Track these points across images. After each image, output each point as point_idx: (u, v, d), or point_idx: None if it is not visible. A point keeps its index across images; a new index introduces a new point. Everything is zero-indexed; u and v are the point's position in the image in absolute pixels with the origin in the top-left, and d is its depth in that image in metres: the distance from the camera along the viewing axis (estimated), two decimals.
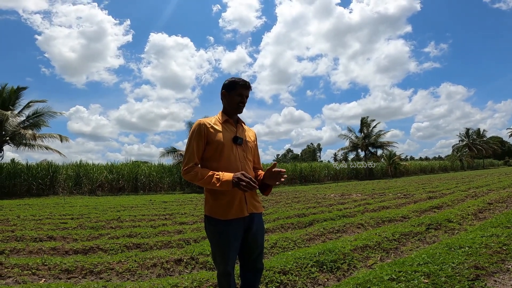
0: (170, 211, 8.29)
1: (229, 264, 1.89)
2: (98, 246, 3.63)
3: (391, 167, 31.43)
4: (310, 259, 2.91)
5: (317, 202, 9.70)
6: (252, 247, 1.97)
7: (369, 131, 30.24)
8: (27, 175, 14.91)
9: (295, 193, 15.64)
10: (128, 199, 13.04)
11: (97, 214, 7.25)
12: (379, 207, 7.16)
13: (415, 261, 2.60)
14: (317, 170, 27.79)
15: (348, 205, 8.20)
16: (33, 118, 14.98)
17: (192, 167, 1.82)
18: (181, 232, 4.88)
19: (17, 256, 3.25)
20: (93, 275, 2.65)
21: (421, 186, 13.61)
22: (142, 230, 4.75)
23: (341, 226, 4.87)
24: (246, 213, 1.87)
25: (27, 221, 5.81)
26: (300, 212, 6.97)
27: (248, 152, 1.99)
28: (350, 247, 3.28)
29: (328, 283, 2.65)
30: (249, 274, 2.04)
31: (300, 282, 2.58)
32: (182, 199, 13.07)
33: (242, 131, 2.04)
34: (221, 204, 1.83)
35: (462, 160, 40.29)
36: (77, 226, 5.14)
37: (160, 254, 3.13)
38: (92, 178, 16.82)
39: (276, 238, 4.01)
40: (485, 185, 11.46)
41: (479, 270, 2.41)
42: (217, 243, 1.87)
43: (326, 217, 5.91)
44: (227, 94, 1.98)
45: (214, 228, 1.86)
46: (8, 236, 4.06)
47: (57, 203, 10.70)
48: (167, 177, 19.54)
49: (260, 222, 2.00)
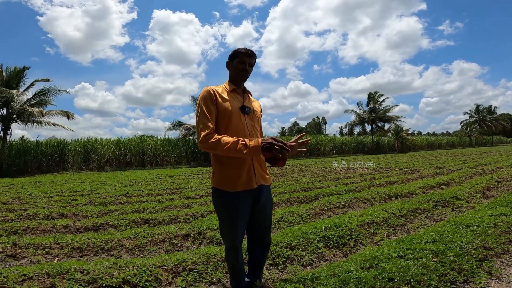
0: (177, 185, 8.42)
1: (237, 238, 1.88)
2: (108, 222, 3.71)
3: (398, 142, 31.16)
4: (316, 234, 2.92)
5: (323, 176, 9.73)
6: (260, 220, 1.95)
7: (376, 106, 29.61)
8: (37, 152, 15.22)
9: (300, 166, 15.71)
10: (135, 174, 13.26)
11: (106, 190, 7.40)
12: (385, 182, 7.13)
13: (423, 238, 2.58)
14: (323, 143, 27.68)
15: (354, 179, 8.20)
16: (39, 96, 14.98)
17: (211, 134, 1.71)
18: (188, 206, 4.95)
19: (31, 235, 3.33)
20: (104, 252, 2.71)
21: (428, 162, 13.51)
22: (150, 205, 4.83)
23: (347, 201, 4.88)
24: (255, 185, 1.83)
25: (39, 199, 5.95)
26: (306, 186, 7.00)
27: (255, 122, 1.96)
28: (356, 223, 3.28)
29: (335, 259, 2.67)
30: (257, 248, 2.05)
31: (307, 257, 2.60)
32: (188, 173, 13.24)
33: (249, 101, 2.02)
34: (229, 175, 1.79)
35: (471, 136, 39.68)
36: (87, 203, 5.26)
37: (168, 230, 3.18)
38: (100, 154, 17.16)
39: (283, 212, 4.03)
40: (493, 162, 11.30)
41: (487, 250, 2.39)
42: (225, 216, 1.85)
43: (332, 191, 5.92)
44: (231, 63, 1.96)
45: (222, 201, 1.82)
46: (21, 215, 4.15)
47: (67, 179, 10.92)
48: (173, 151, 19.77)
49: (268, 194, 1.97)
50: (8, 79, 14.17)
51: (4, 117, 14.06)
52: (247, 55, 1.92)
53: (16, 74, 14.45)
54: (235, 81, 1.96)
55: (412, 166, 11.90)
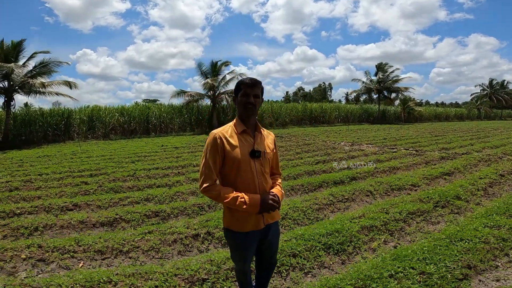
0: (182, 161, 8.65)
1: (246, 265, 2.06)
2: (121, 216, 3.95)
3: (404, 112, 30.70)
4: (318, 241, 3.13)
5: (327, 154, 9.88)
6: (267, 251, 2.11)
7: (385, 77, 28.72)
8: (42, 121, 15.53)
9: (304, 137, 15.81)
10: (140, 144, 13.51)
11: (113, 168, 7.68)
12: (389, 167, 7.25)
13: (416, 255, 2.77)
14: (328, 111, 27.45)
15: (359, 160, 8.31)
16: (40, 68, 14.96)
17: (212, 186, 1.81)
18: (194, 193, 5.19)
19: (51, 231, 3.58)
20: (122, 255, 2.96)
21: (434, 140, 13.49)
22: (158, 193, 5.08)
23: (350, 194, 5.06)
24: (263, 225, 1.94)
25: (50, 181, 6.22)
26: (310, 169, 7.17)
27: (266, 165, 1.95)
28: (357, 228, 3.47)
29: (333, 266, 2.91)
30: (264, 268, 2.25)
31: (308, 265, 2.83)
32: (193, 143, 13.47)
33: (261, 139, 1.96)
34: (238, 218, 1.89)
35: (480, 109, 38.85)
36: (97, 188, 5.51)
37: (179, 229, 3.40)
38: (104, 122, 17.45)
39: (287, 207, 4.24)
40: (501, 145, 11.26)
41: (470, 269, 2.58)
42: (235, 250, 2.01)
43: (336, 179, 6.09)
44: (236, 98, 1.88)
45: (232, 239, 1.97)
46: (37, 206, 4.38)
47: (74, 152, 11.19)
48: (177, 118, 19.88)
49: (276, 229, 2.09)
50: (6, 53, 14.14)
51: (6, 89, 14.25)
52: (250, 86, 1.83)
53: (13, 48, 14.38)
54: (243, 118, 1.89)
55: (418, 144, 11.93)
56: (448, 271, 2.51)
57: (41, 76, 14.96)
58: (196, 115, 20.65)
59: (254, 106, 1.84)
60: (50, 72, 15.15)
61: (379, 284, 2.30)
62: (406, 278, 2.41)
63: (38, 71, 14.93)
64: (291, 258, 2.87)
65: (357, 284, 2.33)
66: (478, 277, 2.54)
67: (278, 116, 24.05)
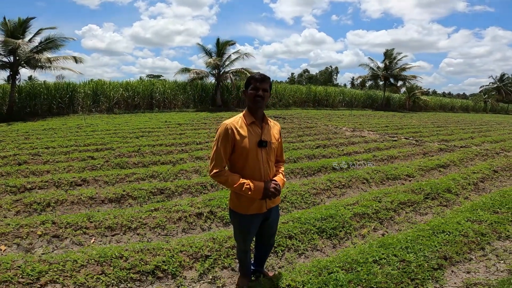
0: (186, 138, 8.86)
1: (247, 245, 2.31)
2: (128, 193, 4.19)
3: (409, 100, 30.44)
4: (313, 225, 3.38)
5: (328, 138, 10.05)
6: (267, 232, 2.36)
7: (393, 64, 28.26)
8: (47, 94, 15.74)
9: (307, 119, 15.89)
10: (144, 119, 13.64)
11: (118, 143, 7.90)
12: (388, 156, 7.44)
13: (400, 244, 3.01)
14: (332, 95, 27.25)
15: (358, 147, 8.49)
16: (46, 44, 15.14)
17: (221, 172, 2.02)
18: (197, 171, 5.44)
19: (62, 207, 3.79)
20: (131, 231, 3.20)
21: (436, 131, 13.56)
22: (163, 170, 5.31)
23: (347, 180, 5.28)
24: (265, 209, 2.17)
25: (57, 155, 6.40)
26: (310, 153, 7.39)
27: (271, 154, 2.16)
28: (350, 214, 3.72)
29: (325, 249, 3.18)
30: (262, 248, 2.51)
31: (302, 247, 3.10)
32: (196, 120, 13.61)
33: (268, 130, 2.15)
34: (243, 201, 2.12)
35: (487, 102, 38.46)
36: (104, 164, 5.73)
37: (184, 207, 3.65)
38: (109, 96, 17.51)
39: (286, 190, 4.48)
40: (500, 140, 11.37)
41: (445, 260, 2.82)
42: (239, 230, 2.24)
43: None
44: (246, 91, 2.07)
45: (237, 220, 2.20)
46: (47, 181, 4.57)
47: (79, 125, 11.31)
48: (181, 94, 19.89)
49: (276, 213, 2.33)
50: (12, 30, 14.29)
51: (12, 64, 14.50)
52: (259, 80, 2.00)
53: (20, 25, 14.51)
54: (252, 110, 2.07)
55: (419, 134, 12.03)
56: (426, 261, 2.75)
57: (46, 51, 15.20)
58: (200, 92, 20.61)
59: (262, 99, 2.02)
60: (56, 47, 15.36)
61: (364, 268, 2.55)
62: (388, 264, 2.66)
63: (44, 46, 15.14)
64: (287, 239, 3.13)
65: (345, 267, 2.58)
66: (451, 268, 2.78)
67: (282, 97, 23.96)
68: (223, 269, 2.68)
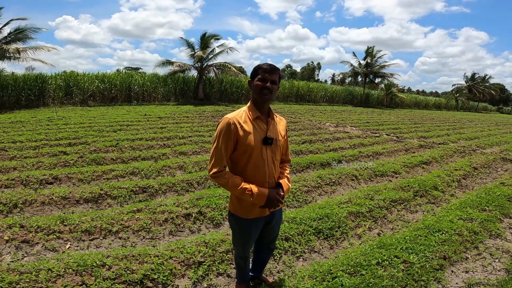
0: (167, 132, 8.44)
1: (247, 251, 2.12)
2: (106, 192, 3.81)
3: (387, 97, 31.40)
4: (309, 226, 3.24)
5: (313, 134, 10.02)
6: (269, 236, 2.17)
7: (373, 61, 28.95)
8: (14, 86, 14.50)
9: (290, 114, 15.83)
10: (122, 112, 12.91)
11: (94, 137, 7.33)
12: (373, 152, 7.50)
13: (400, 244, 2.96)
14: (314, 90, 27.49)
15: (343, 143, 8.52)
16: (15, 34, 14.17)
17: (221, 172, 1.81)
18: (182, 167, 5.13)
19: (31, 209, 3.35)
20: (112, 235, 2.87)
21: (414, 127, 13.99)
22: (145, 166, 4.95)
23: (336, 177, 5.21)
24: (267, 213, 1.98)
25: (25, 150, 5.83)
26: (297, 148, 7.30)
27: (277, 153, 1.97)
28: (345, 214, 3.62)
29: (323, 251, 3.05)
30: (262, 252, 2.32)
31: (300, 250, 2.95)
32: (178, 113, 13.09)
33: (274, 126, 1.95)
34: (245, 205, 1.92)
35: (458, 100, 40.50)
36: (77, 159, 5.24)
37: (170, 207, 3.37)
38: (83, 88, 16.42)
39: None
40: (474, 137, 11.90)
41: (445, 260, 2.80)
42: (238, 235, 2.04)
43: (323, 160, 6.22)
44: (252, 82, 1.86)
45: (237, 224, 1.99)
46: (13, 178, 4.08)
47: (50, 118, 10.45)
48: (161, 87, 19.11)
49: (279, 216, 2.15)
50: None
51: None
52: (268, 71, 1.80)
53: None
54: (257, 103, 1.87)
55: (399, 131, 12.34)
56: (427, 261, 2.71)
57: (15, 43, 14.13)
58: (182, 85, 19.93)
59: (270, 92, 1.81)
60: (26, 38, 14.33)
61: (368, 271, 2.45)
62: (391, 266, 2.58)
63: (13, 37, 14.11)
64: (284, 241, 2.97)
65: (348, 271, 2.46)
66: (451, 268, 2.76)
67: None
68: (219, 276, 2.47)
